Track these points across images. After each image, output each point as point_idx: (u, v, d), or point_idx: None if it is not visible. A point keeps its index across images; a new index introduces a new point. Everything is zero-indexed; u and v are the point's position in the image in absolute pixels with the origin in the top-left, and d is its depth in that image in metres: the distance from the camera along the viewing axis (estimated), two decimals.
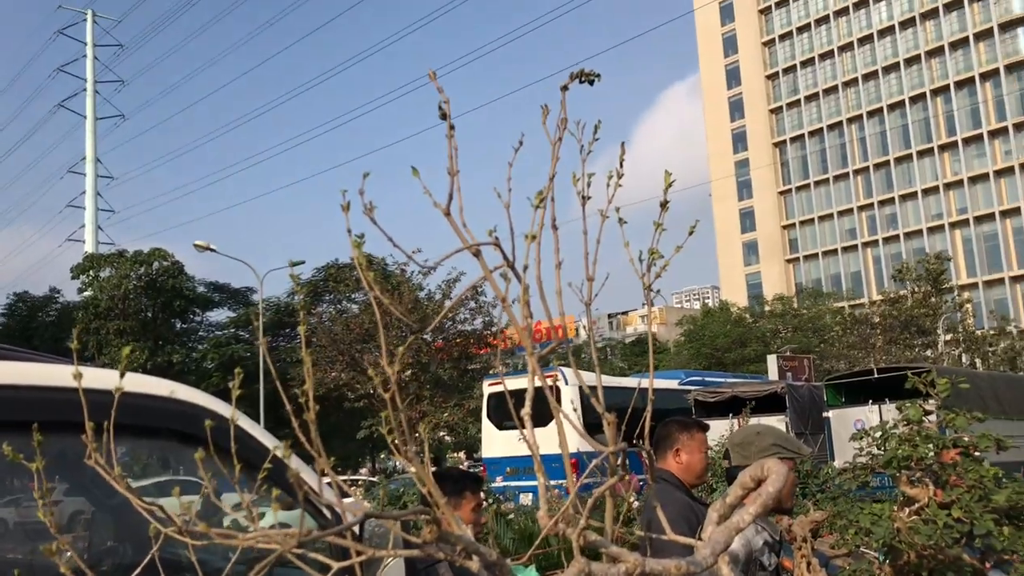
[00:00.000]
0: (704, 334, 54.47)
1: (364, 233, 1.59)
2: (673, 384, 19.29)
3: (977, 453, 3.02)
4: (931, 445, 2.72)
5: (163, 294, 33.35)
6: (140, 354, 32.48)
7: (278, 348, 38.92)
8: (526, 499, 15.76)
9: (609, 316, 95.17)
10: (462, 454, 40.87)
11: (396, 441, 1.40)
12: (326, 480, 1.48)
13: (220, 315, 40.25)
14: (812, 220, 75.91)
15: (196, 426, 2.80)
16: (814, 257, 75.63)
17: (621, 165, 1.81)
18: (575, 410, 15.22)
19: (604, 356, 70.61)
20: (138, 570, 1.62)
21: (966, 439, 2.77)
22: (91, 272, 33.86)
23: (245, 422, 3.01)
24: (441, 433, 35.83)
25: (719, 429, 12.91)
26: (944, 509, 2.65)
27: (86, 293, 33.27)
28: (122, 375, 1.68)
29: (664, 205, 1.84)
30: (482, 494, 4.55)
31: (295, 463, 3.25)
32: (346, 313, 32.78)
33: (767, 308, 58.20)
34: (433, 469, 3.92)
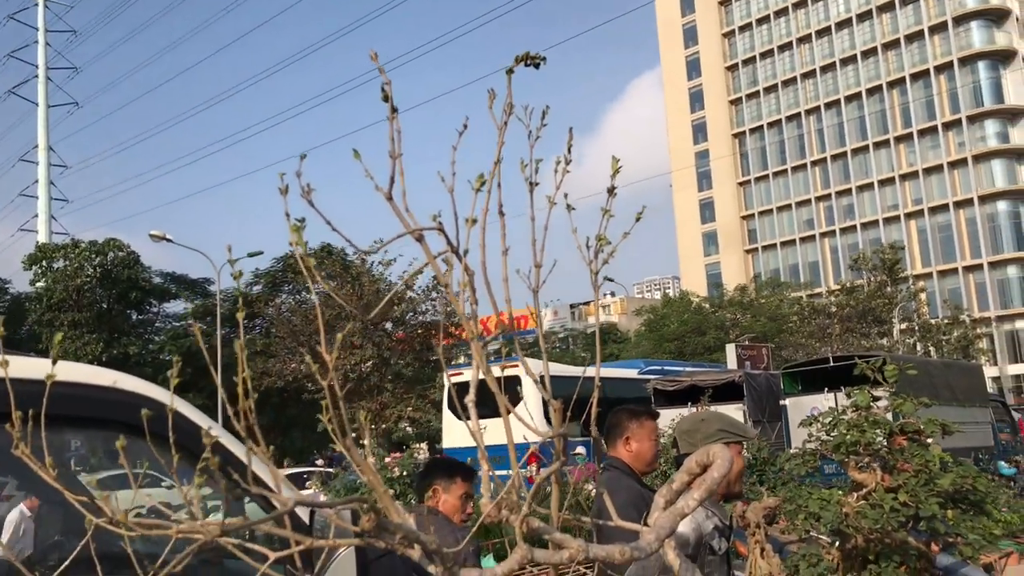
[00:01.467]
0: (664, 324, 54.87)
1: (304, 218, 1.56)
2: (632, 373, 19.40)
3: (930, 440, 3.05)
4: (879, 430, 2.75)
5: (118, 285, 32.80)
6: (95, 346, 31.91)
7: (232, 342, 38.48)
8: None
9: (571, 306, 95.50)
10: (423, 445, 40.82)
11: (333, 429, 1.37)
12: (278, 471, 1.45)
13: (177, 306, 39.74)
14: (771, 210, 76.74)
15: (139, 416, 2.75)
16: (772, 247, 76.48)
17: (569, 151, 1.80)
18: (524, 402, 15.23)
19: (566, 346, 70.82)
20: (68, 561, 1.59)
21: (913, 424, 2.81)
22: (44, 263, 33.21)
23: (189, 411, 2.96)
24: (404, 425, 35.73)
25: (678, 417, 13.02)
26: (891, 493, 2.69)
27: (39, 284, 32.59)
28: (54, 362, 1.63)
29: (611, 191, 1.82)
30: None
31: (241, 451, 3.19)
32: (306, 304, 32.53)
33: (726, 298, 58.71)
34: (436, 457, 3.91)
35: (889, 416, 3.07)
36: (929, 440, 2.95)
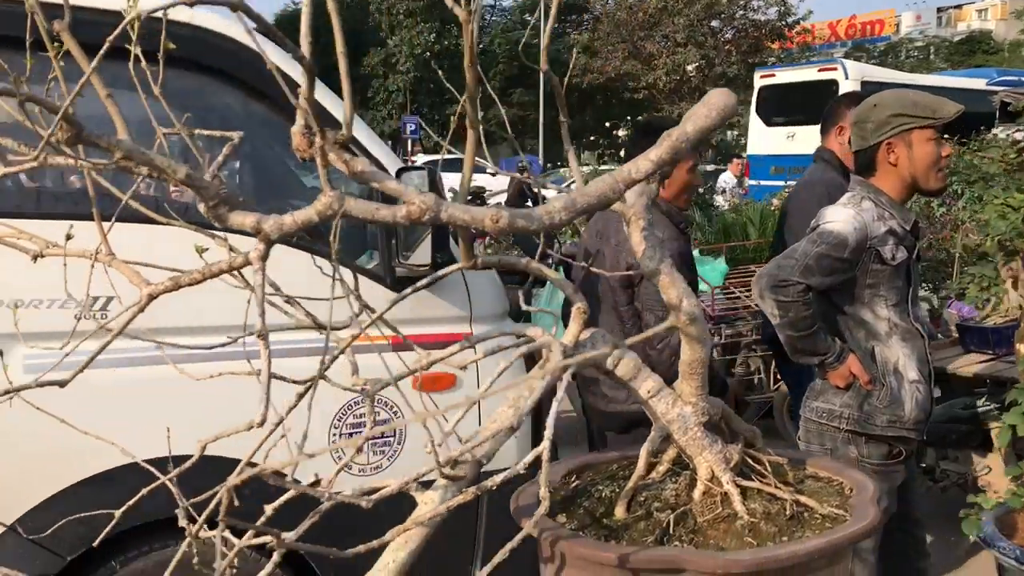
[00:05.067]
0: None
1: None
2: (979, 84, 16.79)
3: None
4: None
5: None
6: (427, 35, 33.27)
7: (563, 35, 38.29)
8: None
9: (938, 10, 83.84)
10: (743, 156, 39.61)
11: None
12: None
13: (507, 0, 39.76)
14: None
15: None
16: None
17: None
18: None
19: (925, 55, 63.18)
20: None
21: None
22: None
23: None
24: (732, 132, 34.59)
25: None
26: None
27: None
28: None
29: None
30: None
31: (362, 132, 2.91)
32: None
33: None
34: (641, 119, 3.35)
35: None
36: None
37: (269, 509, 1.35)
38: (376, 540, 1.13)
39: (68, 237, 1.17)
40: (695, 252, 6.29)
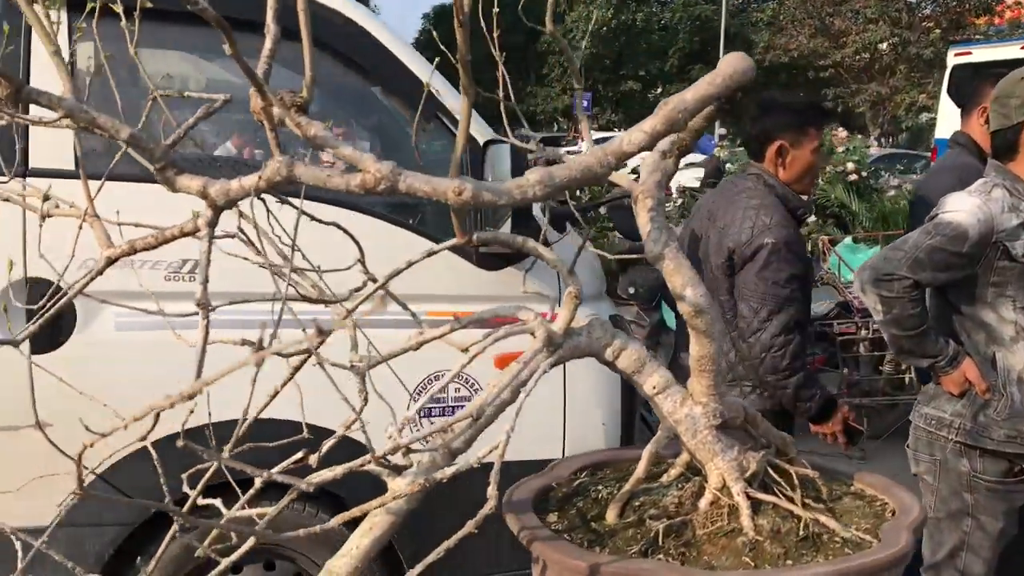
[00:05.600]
0: None
1: None
2: None
3: None
4: None
5: None
6: (604, 12, 32.76)
7: (747, 10, 36.97)
8: None
9: None
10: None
11: None
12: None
13: None
14: None
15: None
16: None
17: None
18: None
19: None
20: None
21: None
22: None
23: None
24: (916, 115, 32.54)
25: None
26: None
27: None
28: None
29: None
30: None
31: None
32: None
33: None
34: (775, 95, 3.04)
35: None
36: None
37: (258, 482, 1.33)
38: (319, 526, 1.09)
39: (46, 198, 1.17)
40: (847, 240, 5.91)
